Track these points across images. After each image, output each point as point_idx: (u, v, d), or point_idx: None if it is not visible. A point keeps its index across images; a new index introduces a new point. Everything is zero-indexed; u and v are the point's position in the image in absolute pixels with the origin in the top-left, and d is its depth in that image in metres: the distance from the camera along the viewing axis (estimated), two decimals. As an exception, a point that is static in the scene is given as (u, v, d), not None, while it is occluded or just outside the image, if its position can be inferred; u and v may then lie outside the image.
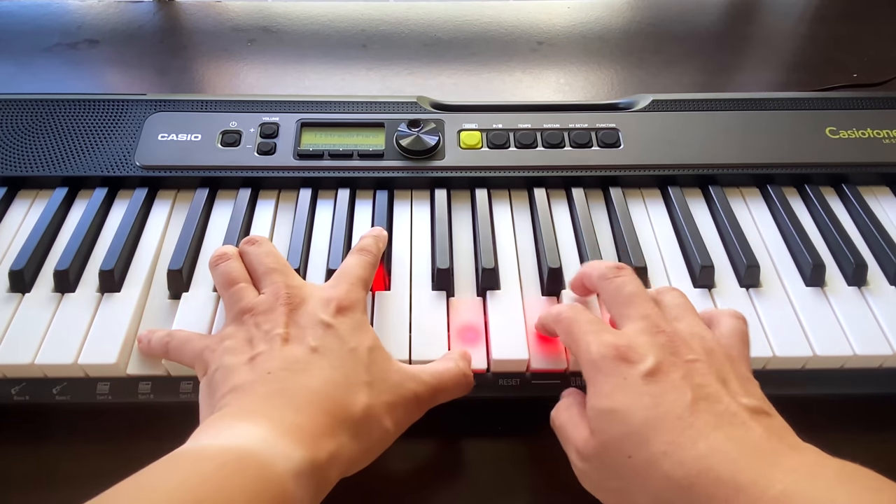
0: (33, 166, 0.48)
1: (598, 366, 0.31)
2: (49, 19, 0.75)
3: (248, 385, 0.31)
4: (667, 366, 0.30)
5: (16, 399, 0.38)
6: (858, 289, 0.43)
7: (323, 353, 0.32)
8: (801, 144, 0.50)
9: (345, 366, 0.32)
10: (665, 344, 0.31)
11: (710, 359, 0.31)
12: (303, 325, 0.33)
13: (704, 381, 0.29)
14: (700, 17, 0.78)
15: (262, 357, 0.32)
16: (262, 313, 0.34)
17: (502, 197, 0.49)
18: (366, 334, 0.34)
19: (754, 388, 0.31)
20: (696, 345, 0.31)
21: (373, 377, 0.32)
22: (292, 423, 0.28)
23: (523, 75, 0.68)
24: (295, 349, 0.32)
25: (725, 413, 0.28)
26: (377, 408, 0.31)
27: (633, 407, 0.29)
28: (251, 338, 0.33)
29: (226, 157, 0.48)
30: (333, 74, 0.68)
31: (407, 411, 0.33)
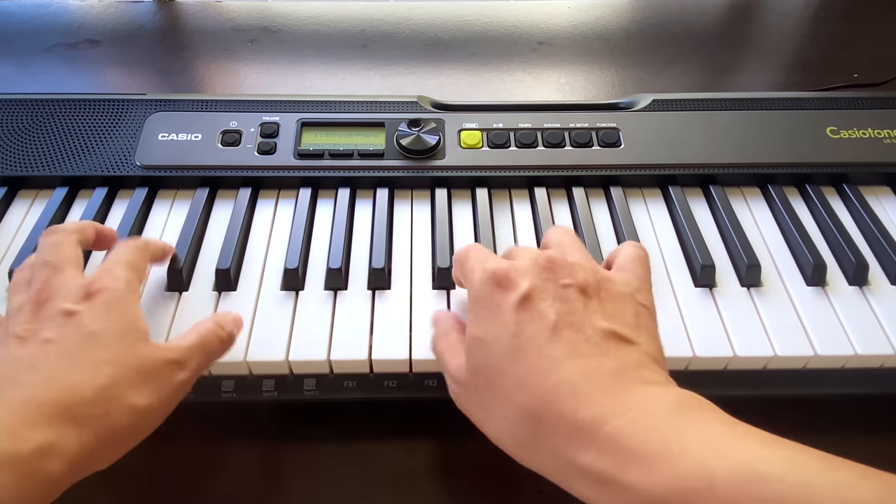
0: (33, 166, 0.48)
1: (478, 294, 0.32)
2: (49, 19, 0.75)
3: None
4: (539, 291, 0.30)
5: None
6: (859, 288, 0.43)
7: (56, 342, 0.30)
8: (802, 144, 0.50)
9: (80, 351, 0.30)
10: (545, 266, 0.31)
11: (584, 284, 0.31)
12: (44, 318, 0.32)
13: (573, 309, 0.30)
14: (700, 17, 0.78)
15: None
16: (13, 312, 0.33)
17: (503, 196, 0.49)
18: (115, 316, 0.32)
19: (623, 310, 0.31)
20: (578, 271, 0.31)
21: (115, 354, 0.31)
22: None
23: (524, 75, 0.68)
24: (26, 347, 0.31)
25: (582, 342, 0.29)
26: (117, 387, 0.30)
27: (499, 336, 0.30)
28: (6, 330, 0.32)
29: (226, 157, 0.48)
30: (334, 74, 0.68)
31: (166, 382, 0.32)
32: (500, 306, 0.30)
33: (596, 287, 0.31)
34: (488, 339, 0.30)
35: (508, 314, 0.30)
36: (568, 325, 0.29)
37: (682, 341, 0.39)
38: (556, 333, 0.29)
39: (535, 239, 0.46)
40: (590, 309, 0.30)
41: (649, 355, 0.29)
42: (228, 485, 0.38)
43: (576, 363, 0.28)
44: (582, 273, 0.31)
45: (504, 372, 0.29)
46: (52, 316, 0.32)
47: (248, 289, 0.42)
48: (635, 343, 0.29)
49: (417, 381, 0.39)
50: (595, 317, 0.30)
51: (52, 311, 0.32)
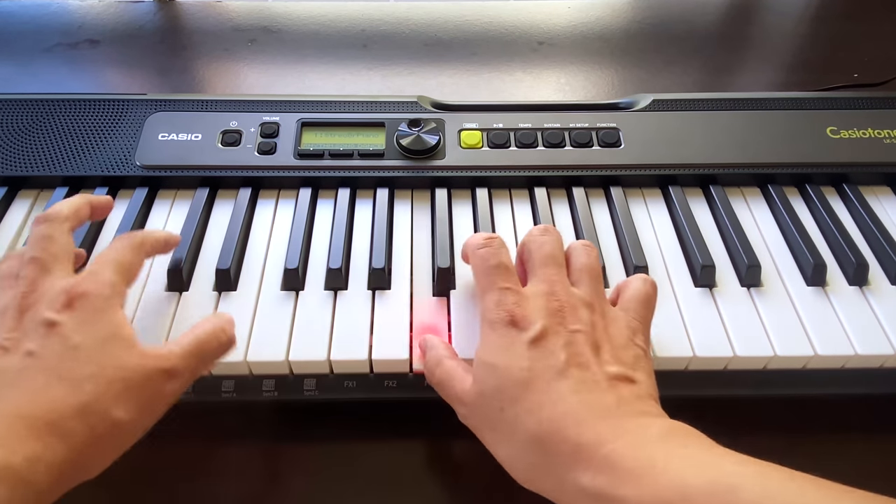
0: (33, 166, 0.48)
1: (493, 325, 0.34)
2: (49, 19, 0.75)
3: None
4: (551, 333, 0.32)
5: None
6: (859, 288, 0.43)
7: (39, 356, 0.30)
8: (802, 144, 0.50)
9: (62, 365, 0.30)
10: (556, 311, 0.33)
11: (591, 330, 0.33)
12: (27, 328, 0.31)
13: (580, 351, 0.32)
14: (700, 17, 0.78)
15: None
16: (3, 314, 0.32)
17: (503, 196, 0.49)
18: (99, 325, 0.31)
19: (628, 354, 0.33)
20: (584, 314, 0.34)
21: (99, 367, 0.30)
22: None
23: (524, 75, 0.68)
24: (9, 359, 0.30)
25: (589, 380, 0.31)
26: (102, 401, 0.29)
27: (512, 367, 0.32)
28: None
29: (226, 157, 0.48)
30: (334, 74, 0.68)
31: (153, 393, 0.31)
32: (514, 342, 0.33)
33: (602, 332, 0.34)
34: (500, 366, 0.32)
35: (521, 349, 0.32)
36: (576, 365, 0.32)
37: (683, 341, 0.39)
38: (565, 371, 0.31)
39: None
40: (595, 353, 0.32)
41: (646, 392, 0.32)
42: (228, 484, 0.38)
43: (581, 397, 0.30)
44: (588, 317, 0.34)
45: (516, 399, 0.31)
46: (35, 326, 0.31)
47: (248, 289, 0.42)
48: (635, 382, 0.32)
49: (417, 381, 0.39)
50: (600, 360, 0.32)
51: (35, 320, 0.31)
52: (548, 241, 0.37)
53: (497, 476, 0.38)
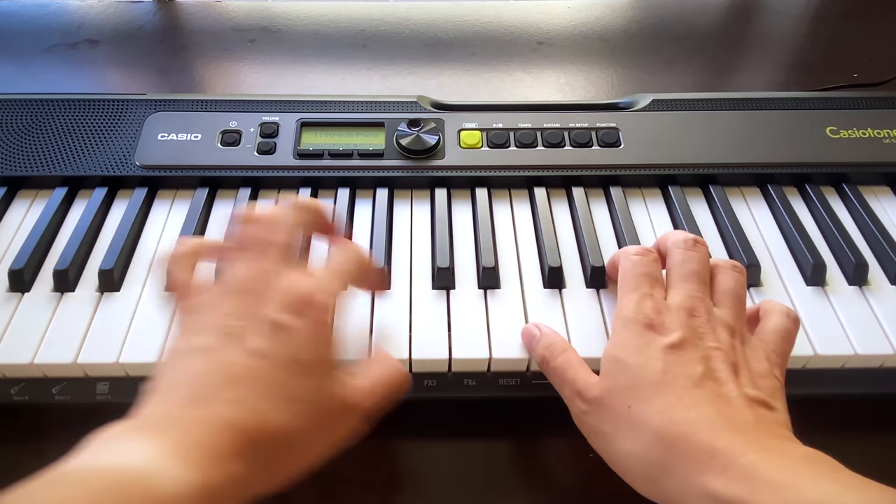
0: (33, 166, 0.48)
1: (628, 325, 0.33)
2: (49, 19, 0.75)
3: (169, 388, 0.29)
4: (689, 345, 0.32)
5: (15, 399, 0.38)
6: (859, 288, 0.43)
7: (261, 358, 0.29)
8: (802, 144, 0.50)
9: (279, 377, 0.29)
10: (696, 328, 0.33)
11: (731, 351, 0.32)
12: (255, 319, 0.30)
13: (717, 367, 0.31)
14: (700, 17, 0.78)
15: (200, 354, 0.30)
16: (229, 290, 0.32)
17: (502, 196, 0.49)
18: (319, 341, 0.31)
19: (766, 383, 0.32)
20: (724, 336, 0.33)
21: (308, 392, 0.30)
22: (192, 442, 0.26)
23: (523, 75, 0.68)
24: (232, 350, 0.29)
25: (725, 395, 0.30)
26: (302, 427, 0.29)
27: (646, 367, 0.31)
28: (206, 317, 0.31)
29: (226, 157, 0.48)
30: (333, 74, 0.68)
31: (344, 427, 0.31)
32: (650, 344, 0.32)
33: (742, 357, 0.33)
34: (633, 365, 0.32)
35: (657, 352, 0.32)
36: (713, 380, 0.31)
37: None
38: (701, 382, 0.31)
39: (534, 239, 0.46)
40: (733, 374, 0.31)
41: (784, 422, 0.31)
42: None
43: (716, 408, 0.30)
44: (728, 339, 0.33)
45: (646, 399, 0.31)
46: (263, 320, 0.30)
47: (247, 289, 0.42)
48: (774, 409, 0.31)
49: (417, 381, 0.39)
50: (738, 381, 0.31)
51: (263, 313, 0.30)
52: (694, 257, 0.36)
53: (498, 477, 0.38)
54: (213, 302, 0.32)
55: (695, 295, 0.34)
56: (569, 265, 0.44)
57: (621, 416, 0.31)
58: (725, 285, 0.36)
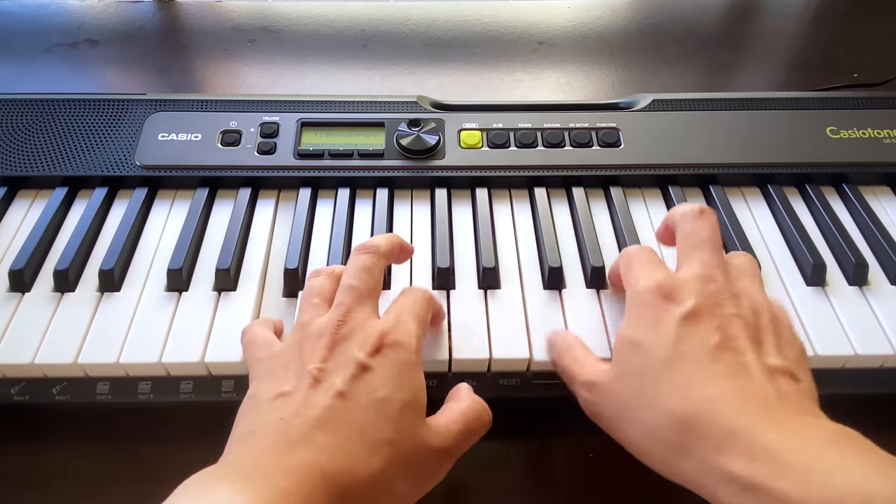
0: (33, 166, 0.48)
1: (641, 298, 0.32)
2: (49, 19, 0.75)
3: (255, 434, 0.29)
4: (705, 313, 0.30)
5: (16, 399, 0.38)
6: (859, 288, 0.43)
7: (347, 400, 0.29)
8: (802, 144, 0.50)
9: (366, 420, 0.29)
10: (713, 293, 0.31)
11: (752, 317, 0.31)
12: (339, 362, 0.30)
13: (736, 335, 0.30)
14: (700, 17, 0.78)
15: (284, 399, 0.30)
16: (309, 337, 0.32)
17: (503, 196, 0.49)
18: (405, 383, 0.30)
19: (792, 352, 0.31)
20: (745, 302, 0.31)
21: (397, 435, 0.29)
22: (281, 491, 0.26)
23: (523, 75, 0.68)
24: (319, 394, 0.29)
25: (745, 366, 0.29)
26: (391, 472, 0.28)
27: (658, 344, 0.30)
28: (288, 364, 0.32)
29: (226, 157, 0.48)
30: (333, 74, 0.68)
31: (431, 473, 0.31)
32: (662, 316, 0.31)
33: (767, 323, 0.31)
34: (647, 344, 0.30)
35: (670, 324, 0.30)
36: (731, 349, 0.29)
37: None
38: (717, 354, 0.29)
39: (534, 239, 0.46)
40: (755, 342, 0.30)
41: (810, 394, 0.30)
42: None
43: (736, 382, 0.28)
44: (749, 305, 0.31)
45: (659, 379, 0.29)
46: (346, 362, 0.30)
47: (247, 289, 0.42)
48: (800, 380, 0.29)
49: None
50: (760, 350, 0.30)
51: (347, 355, 0.31)
52: (704, 225, 0.34)
53: (498, 477, 0.38)
54: (294, 347, 0.32)
55: (710, 262, 0.32)
56: (569, 265, 0.44)
57: (632, 399, 0.30)
58: (741, 265, 0.35)
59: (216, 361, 0.38)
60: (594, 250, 0.44)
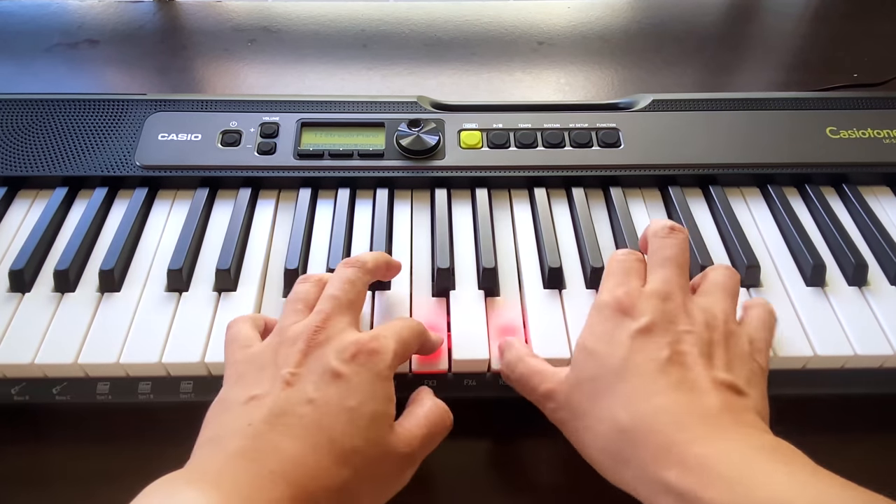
0: (33, 166, 0.48)
1: (600, 310, 0.33)
2: (49, 19, 0.75)
3: (222, 439, 0.29)
4: (658, 329, 0.31)
5: (16, 399, 0.38)
6: (859, 289, 0.43)
7: (317, 407, 0.29)
8: (802, 144, 0.50)
9: (336, 428, 0.29)
10: (668, 310, 0.32)
11: (705, 332, 0.32)
12: (313, 368, 0.31)
13: (686, 350, 0.31)
14: (700, 17, 0.78)
15: (255, 403, 0.30)
16: (286, 340, 0.33)
17: (503, 197, 0.49)
18: (376, 393, 0.31)
19: (742, 367, 0.31)
20: (700, 318, 0.32)
21: (365, 444, 0.30)
22: (245, 496, 0.26)
23: (523, 75, 0.68)
24: (290, 400, 0.30)
25: (690, 380, 0.30)
26: (357, 481, 0.29)
27: (611, 355, 0.31)
28: (264, 366, 0.32)
29: (226, 157, 0.48)
30: (333, 74, 0.68)
31: (396, 479, 0.31)
32: (617, 328, 0.32)
33: (720, 341, 0.32)
34: (600, 353, 0.32)
35: (624, 338, 0.31)
36: (679, 364, 0.30)
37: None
38: (666, 368, 0.30)
39: (534, 239, 0.46)
40: (705, 358, 0.31)
41: (755, 409, 0.30)
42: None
43: (679, 395, 0.29)
44: (703, 321, 0.32)
45: (610, 389, 0.30)
46: (319, 370, 0.31)
47: (248, 289, 0.42)
48: (745, 395, 0.30)
49: (417, 381, 0.39)
50: (709, 364, 0.31)
51: (321, 362, 0.31)
52: (670, 243, 0.35)
53: (498, 477, 0.38)
54: (270, 351, 0.32)
55: (670, 279, 0.34)
56: (569, 266, 0.44)
57: (585, 408, 0.31)
58: (715, 279, 0.36)
59: (216, 362, 0.38)
60: (594, 251, 0.44)
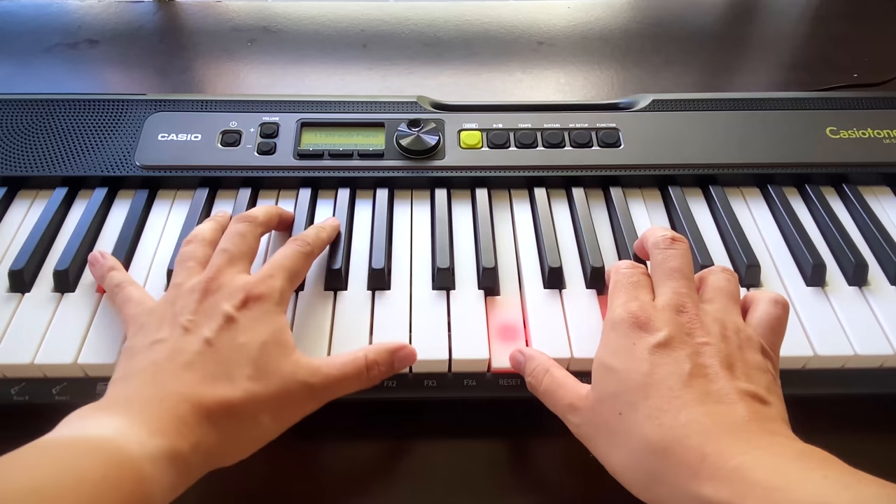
0: (33, 166, 0.48)
1: (616, 326, 0.33)
2: (49, 19, 0.75)
3: (130, 377, 0.32)
4: (677, 342, 0.31)
5: (15, 399, 0.38)
6: (859, 289, 0.43)
7: (212, 345, 0.33)
8: (802, 144, 0.50)
9: (229, 360, 0.33)
10: (684, 323, 0.32)
11: (722, 343, 0.32)
12: (208, 313, 0.34)
13: (707, 363, 0.31)
14: (700, 17, 0.78)
15: (158, 346, 0.33)
16: (182, 294, 0.36)
17: (502, 197, 0.49)
18: (264, 327, 0.34)
19: (761, 376, 0.31)
20: (715, 329, 0.32)
21: (256, 371, 0.33)
22: (153, 415, 0.29)
23: (523, 75, 0.68)
24: (189, 341, 0.33)
25: (716, 392, 0.30)
26: (253, 403, 0.32)
27: (632, 371, 0.31)
28: (163, 318, 0.35)
29: (226, 157, 0.48)
30: (333, 74, 0.68)
31: (294, 404, 0.34)
32: (636, 344, 0.32)
33: (736, 350, 0.32)
34: (621, 370, 0.32)
35: (643, 353, 0.31)
36: (702, 376, 0.30)
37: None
38: (690, 381, 0.30)
39: (534, 239, 0.46)
40: (726, 369, 0.31)
41: (780, 417, 0.30)
42: (227, 484, 0.38)
43: (707, 408, 0.29)
44: (719, 333, 0.32)
45: (635, 405, 0.30)
46: (214, 315, 0.34)
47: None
48: (769, 403, 0.30)
49: (417, 381, 0.39)
50: (730, 376, 0.30)
51: (215, 308, 0.34)
52: (674, 254, 0.36)
53: (497, 477, 0.38)
54: (167, 304, 0.36)
55: (681, 291, 0.34)
56: (569, 266, 0.44)
57: (612, 423, 0.31)
58: (717, 283, 0.35)
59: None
60: (594, 251, 0.44)
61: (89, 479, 0.25)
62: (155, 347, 0.33)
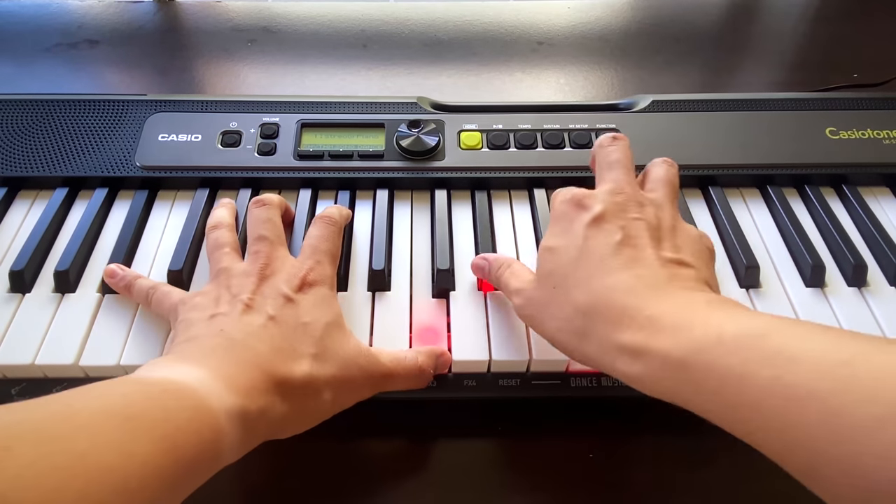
0: (33, 166, 0.48)
1: (557, 211, 0.36)
2: (49, 19, 0.75)
3: (200, 337, 0.33)
4: (610, 215, 0.34)
5: (16, 399, 0.38)
6: (858, 289, 0.43)
7: (277, 322, 0.34)
8: (801, 145, 0.50)
9: (294, 337, 0.34)
10: (620, 201, 0.34)
11: (655, 220, 0.34)
12: (267, 294, 0.35)
13: (637, 234, 0.33)
14: (700, 17, 0.78)
15: (221, 317, 0.34)
16: (235, 276, 0.37)
17: (503, 198, 0.49)
18: (325, 310, 0.36)
19: (691, 248, 0.34)
20: (650, 210, 0.34)
21: (321, 350, 0.34)
22: (229, 374, 0.30)
23: (523, 75, 0.68)
24: (253, 316, 0.34)
25: (642, 259, 0.32)
26: (318, 379, 0.33)
27: (570, 247, 0.34)
28: (219, 297, 0.36)
29: (226, 158, 0.48)
30: (333, 74, 0.68)
31: (353, 387, 0.35)
32: (573, 222, 0.34)
33: (669, 230, 0.34)
34: (559, 248, 0.34)
35: (579, 229, 0.34)
36: (631, 246, 0.32)
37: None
38: (619, 250, 0.32)
39: (534, 240, 0.46)
40: (654, 241, 0.33)
41: (703, 277, 0.32)
42: (226, 483, 0.38)
43: (632, 271, 0.31)
44: (654, 213, 0.34)
45: (568, 275, 0.33)
46: (274, 295, 0.35)
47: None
48: (692, 266, 0.32)
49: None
50: (657, 246, 0.33)
51: (273, 290, 0.36)
52: (614, 149, 0.37)
53: (497, 477, 0.38)
54: (221, 287, 0.36)
55: (619, 178, 0.36)
56: (568, 266, 0.44)
57: (548, 297, 0.34)
58: (656, 174, 0.38)
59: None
60: (594, 251, 0.44)
61: (175, 419, 0.26)
62: (217, 319, 0.34)
